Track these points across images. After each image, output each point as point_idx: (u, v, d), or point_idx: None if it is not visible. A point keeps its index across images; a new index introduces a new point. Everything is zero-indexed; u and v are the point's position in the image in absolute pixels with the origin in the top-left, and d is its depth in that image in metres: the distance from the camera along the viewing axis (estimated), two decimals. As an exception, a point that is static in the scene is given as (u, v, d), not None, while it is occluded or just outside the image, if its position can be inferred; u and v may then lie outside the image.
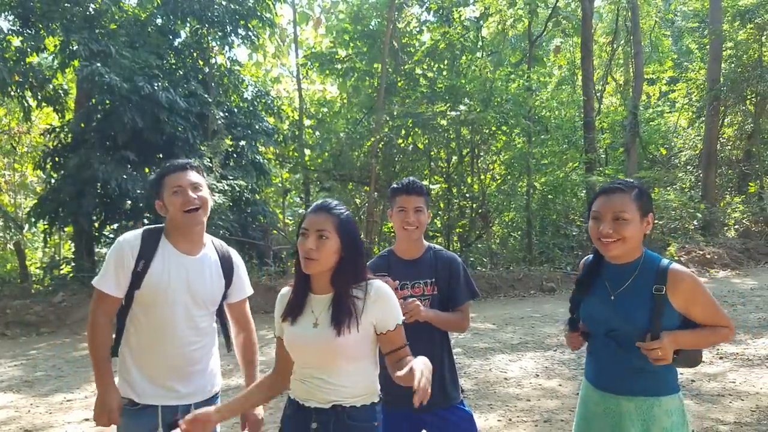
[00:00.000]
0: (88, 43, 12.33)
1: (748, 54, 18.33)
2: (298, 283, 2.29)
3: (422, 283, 2.97)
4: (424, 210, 2.97)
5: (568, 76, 23.11)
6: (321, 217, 2.20)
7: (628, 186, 2.39)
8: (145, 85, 12.26)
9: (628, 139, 18.28)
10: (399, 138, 16.31)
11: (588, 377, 2.57)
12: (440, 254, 3.06)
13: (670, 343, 2.27)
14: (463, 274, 3.04)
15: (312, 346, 2.21)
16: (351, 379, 2.23)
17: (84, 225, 13.08)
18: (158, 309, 2.61)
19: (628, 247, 2.36)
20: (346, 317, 2.18)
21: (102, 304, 2.61)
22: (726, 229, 17.34)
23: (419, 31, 19.01)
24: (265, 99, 16.31)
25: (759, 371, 6.37)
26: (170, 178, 2.66)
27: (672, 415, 2.36)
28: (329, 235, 2.18)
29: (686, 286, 2.32)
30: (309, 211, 2.25)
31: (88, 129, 13.30)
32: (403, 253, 3.05)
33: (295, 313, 2.26)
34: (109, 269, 2.59)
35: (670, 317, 2.34)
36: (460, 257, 3.21)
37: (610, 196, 2.37)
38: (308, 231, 2.19)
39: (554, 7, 18.14)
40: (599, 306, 2.44)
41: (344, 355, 2.19)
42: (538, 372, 6.83)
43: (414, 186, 2.96)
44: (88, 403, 6.23)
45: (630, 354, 2.33)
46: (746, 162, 19.52)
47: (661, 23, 24.62)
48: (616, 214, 2.32)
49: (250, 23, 15.21)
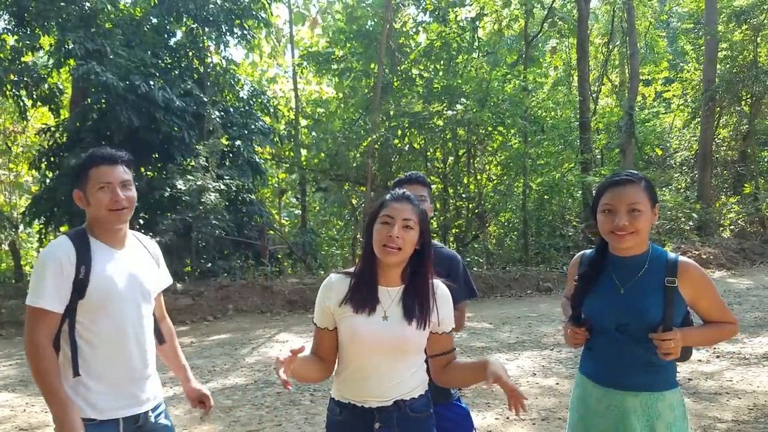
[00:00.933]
0: (83, 42, 12.31)
1: (743, 55, 18.40)
2: (366, 274, 2.21)
3: None
4: (427, 200, 2.96)
5: (564, 77, 23.14)
6: (407, 207, 2.18)
7: (637, 177, 2.38)
8: (142, 84, 12.25)
9: (623, 140, 18.31)
10: (395, 138, 16.30)
11: (587, 373, 2.53)
12: (441, 251, 3.04)
13: (681, 338, 2.28)
14: (462, 273, 3.04)
15: (382, 339, 2.14)
16: (411, 371, 2.21)
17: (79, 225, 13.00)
18: (110, 312, 2.36)
19: (640, 239, 2.37)
20: (424, 311, 2.17)
21: (42, 324, 2.28)
22: (721, 230, 17.40)
23: (416, 31, 19.02)
24: (261, 99, 16.29)
25: (756, 370, 6.38)
26: (98, 171, 2.39)
27: (674, 409, 2.37)
28: (414, 226, 2.16)
29: (696, 276, 2.34)
30: (390, 200, 2.21)
31: (83, 128, 13.27)
32: None
33: (366, 304, 2.17)
34: (47, 283, 2.28)
35: (678, 311, 2.34)
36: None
37: (623, 187, 2.35)
38: (394, 219, 2.14)
39: (550, 8, 18.15)
40: (608, 300, 2.41)
41: (413, 348, 2.19)
42: (535, 371, 6.83)
43: (415, 176, 2.99)
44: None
45: (640, 348, 2.32)
46: (741, 163, 19.59)
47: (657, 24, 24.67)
48: (631, 206, 2.31)
49: (245, 23, 15.21)
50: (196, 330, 10.18)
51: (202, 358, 8.05)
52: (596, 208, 2.42)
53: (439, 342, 2.25)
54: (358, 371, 2.19)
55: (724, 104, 18.83)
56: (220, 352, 8.42)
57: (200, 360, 7.93)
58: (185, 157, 13.65)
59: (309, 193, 18.93)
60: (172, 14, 14.18)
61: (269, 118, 17.09)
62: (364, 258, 2.23)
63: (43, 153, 13.92)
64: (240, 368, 7.46)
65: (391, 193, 2.25)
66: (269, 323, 10.56)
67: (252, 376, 7.02)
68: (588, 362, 2.55)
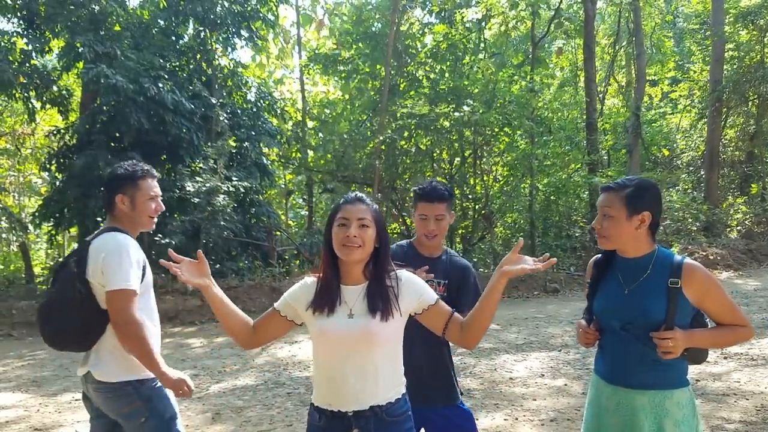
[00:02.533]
0: (92, 45, 12.40)
1: (750, 56, 18.37)
2: (329, 275, 2.28)
3: (435, 282, 2.97)
4: (446, 217, 3.02)
5: (570, 78, 23.15)
6: (360, 207, 2.26)
7: (620, 185, 2.48)
8: (151, 86, 12.34)
9: (630, 141, 18.31)
10: (402, 139, 16.34)
11: (599, 372, 2.61)
12: (455, 259, 3.12)
13: (683, 338, 2.33)
14: (473, 283, 3.07)
15: (349, 336, 2.20)
16: (385, 368, 2.25)
17: (89, 226, 13.12)
18: (150, 294, 2.91)
19: (613, 243, 2.49)
20: (387, 303, 2.23)
21: (132, 302, 2.71)
22: (728, 230, 17.38)
23: (422, 33, 19.06)
24: (268, 100, 16.36)
25: (763, 371, 6.41)
26: (149, 183, 2.93)
27: (683, 407, 2.41)
28: (369, 224, 2.24)
29: (700, 278, 2.38)
30: (343, 203, 2.28)
31: (93, 130, 13.35)
32: (422, 250, 3.11)
33: (330, 304, 2.24)
34: (133, 268, 2.73)
35: (684, 312, 2.39)
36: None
37: (605, 194, 2.52)
38: (349, 220, 2.23)
39: (557, 9, 18.17)
40: (613, 299, 2.50)
41: (381, 342, 2.23)
42: (543, 372, 6.87)
43: (435, 193, 2.99)
44: (96, 402, 6.28)
45: (645, 347, 2.39)
46: (748, 163, 19.55)
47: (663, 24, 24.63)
48: (604, 211, 2.48)
49: (253, 25, 15.28)
50: (206, 331, 10.26)
51: (212, 359, 8.12)
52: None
53: (434, 314, 2.32)
54: (331, 370, 2.25)
55: (731, 105, 18.81)
56: (230, 352, 8.49)
57: (210, 360, 8.01)
58: (194, 158, 13.73)
59: (316, 195, 18.99)
60: (179, 17, 14.26)
61: (276, 120, 17.17)
62: (325, 261, 2.31)
63: (53, 155, 14.01)
64: (250, 369, 7.52)
65: (344, 196, 2.33)
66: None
67: (262, 377, 7.08)
68: (599, 361, 2.63)
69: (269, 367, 7.60)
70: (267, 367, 7.57)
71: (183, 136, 13.21)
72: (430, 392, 3.00)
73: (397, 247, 3.15)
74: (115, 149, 13.26)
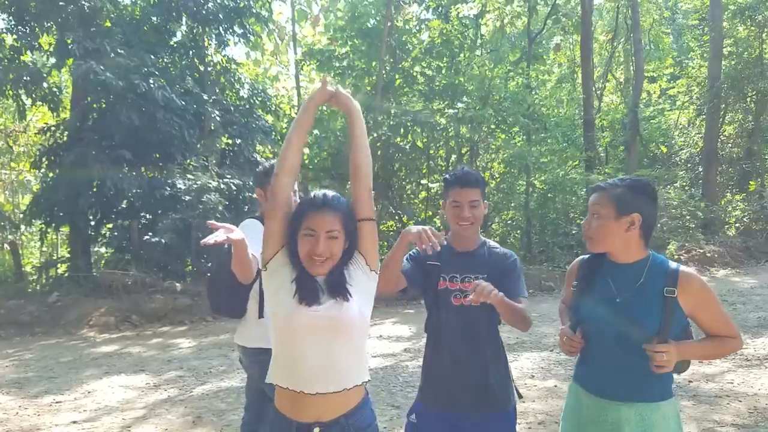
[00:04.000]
0: (83, 42, 12.23)
1: (749, 51, 18.23)
2: (302, 272, 2.15)
3: (472, 278, 2.74)
4: (480, 203, 2.80)
5: (568, 74, 23.01)
6: (329, 217, 2.12)
7: (612, 185, 2.35)
8: (142, 83, 12.19)
9: (628, 137, 18.20)
10: (398, 136, 16.22)
11: (581, 382, 2.47)
12: (494, 250, 2.87)
13: (677, 352, 2.22)
14: (518, 270, 2.85)
15: (317, 322, 2.09)
16: (351, 358, 2.15)
17: (80, 224, 13.00)
18: None
19: (600, 245, 2.36)
20: (342, 286, 2.13)
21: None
22: (726, 228, 17.24)
23: (419, 29, 18.92)
24: (261, 97, 16.20)
25: (757, 371, 6.29)
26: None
27: (669, 420, 2.31)
28: (338, 234, 2.12)
29: (697, 287, 2.28)
30: (308, 208, 2.14)
31: (84, 127, 13.22)
32: (456, 244, 2.87)
33: (313, 297, 2.11)
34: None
35: (678, 322, 2.28)
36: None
37: (594, 193, 2.40)
38: (316, 232, 2.09)
39: (554, 5, 18.03)
40: (604, 309, 2.35)
41: (345, 326, 2.12)
42: (533, 373, 6.75)
43: (468, 178, 2.78)
44: (76, 404, 6.16)
45: (636, 359, 2.25)
46: (747, 160, 19.41)
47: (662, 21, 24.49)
48: (593, 210, 2.36)
49: (246, 21, 15.12)
50: (195, 330, 10.14)
51: (199, 360, 8.00)
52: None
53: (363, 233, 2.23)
54: (294, 359, 2.12)
55: (729, 101, 18.67)
56: (217, 353, 8.37)
57: (197, 361, 7.88)
58: (185, 156, 13.60)
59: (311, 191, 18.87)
60: (171, 13, 14.12)
61: (271, 117, 17.02)
62: (296, 259, 2.17)
63: (44, 152, 13.87)
64: (236, 370, 7.38)
65: (310, 199, 2.18)
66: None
67: (248, 378, 6.96)
68: (582, 371, 2.50)
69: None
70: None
71: (174, 133, 13.06)
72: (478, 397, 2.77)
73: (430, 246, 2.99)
74: (106, 147, 13.12)
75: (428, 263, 2.79)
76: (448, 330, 2.81)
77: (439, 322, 2.83)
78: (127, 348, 8.97)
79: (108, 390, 6.67)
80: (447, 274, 2.79)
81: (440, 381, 2.81)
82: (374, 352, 7.78)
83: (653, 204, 2.37)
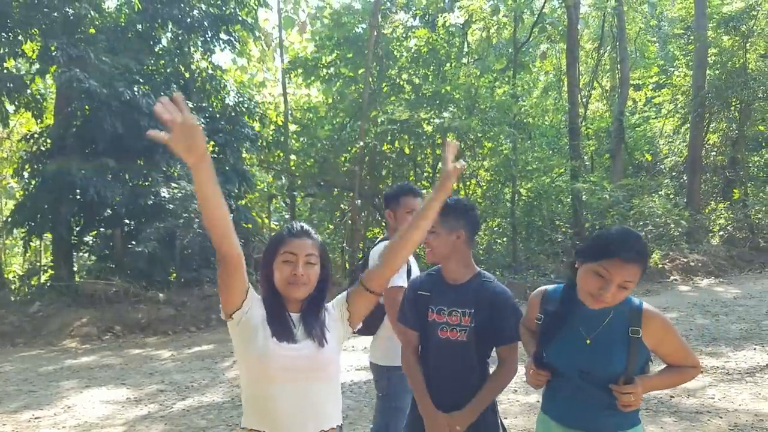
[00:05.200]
0: (66, 49, 12.15)
1: (733, 61, 18.37)
2: (276, 306, 2.17)
3: (459, 312, 2.70)
4: (441, 233, 2.70)
5: (553, 82, 23.11)
6: (307, 243, 2.17)
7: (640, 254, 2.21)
8: (126, 90, 12.12)
9: (613, 145, 18.29)
10: (384, 144, 16.22)
11: (549, 414, 2.47)
12: (487, 285, 2.75)
13: (642, 389, 2.27)
14: (510, 307, 2.73)
15: (296, 363, 2.09)
16: (329, 399, 2.17)
17: (62, 232, 12.89)
18: None
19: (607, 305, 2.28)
20: (319, 327, 2.16)
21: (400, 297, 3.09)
22: (711, 236, 17.34)
23: (405, 37, 18.95)
24: (248, 104, 16.14)
25: (738, 386, 6.31)
26: (410, 200, 3.43)
27: None
28: (315, 261, 2.17)
29: (659, 326, 2.31)
30: (288, 234, 2.18)
31: (67, 135, 13.13)
32: (446, 275, 2.79)
33: (287, 335, 2.11)
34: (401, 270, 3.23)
35: (641, 359, 2.33)
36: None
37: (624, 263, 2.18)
38: (296, 256, 2.13)
39: (540, 14, 18.10)
40: (573, 349, 2.35)
41: (320, 367, 2.13)
42: (516, 387, 6.72)
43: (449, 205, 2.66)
44: (56, 421, 6.09)
45: (602, 393, 2.29)
46: (731, 168, 19.54)
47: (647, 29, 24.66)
48: (624, 279, 2.19)
49: (232, 28, 15.08)
50: (178, 341, 10.06)
51: (181, 373, 7.93)
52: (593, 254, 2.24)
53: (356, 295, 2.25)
54: (270, 400, 2.09)
55: (713, 110, 18.79)
56: (200, 366, 8.30)
57: (179, 375, 7.82)
58: (169, 164, 13.53)
59: (298, 199, 18.82)
60: (156, 20, 14.06)
61: (257, 124, 16.98)
62: (269, 291, 2.19)
63: (27, 159, 13.75)
64: (219, 384, 7.34)
65: (288, 227, 2.21)
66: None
67: (230, 393, 6.91)
68: (550, 403, 2.50)
69: (239, 381, 7.41)
70: (236, 382, 7.38)
71: (159, 141, 12.98)
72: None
73: (425, 276, 2.89)
74: (90, 154, 13.05)
75: (419, 293, 2.78)
76: (433, 362, 2.78)
77: (426, 352, 2.80)
78: (108, 359, 8.89)
79: (88, 405, 6.60)
80: (435, 305, 2.74)
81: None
82: (358, 365, 7.74)
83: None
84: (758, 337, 8.40)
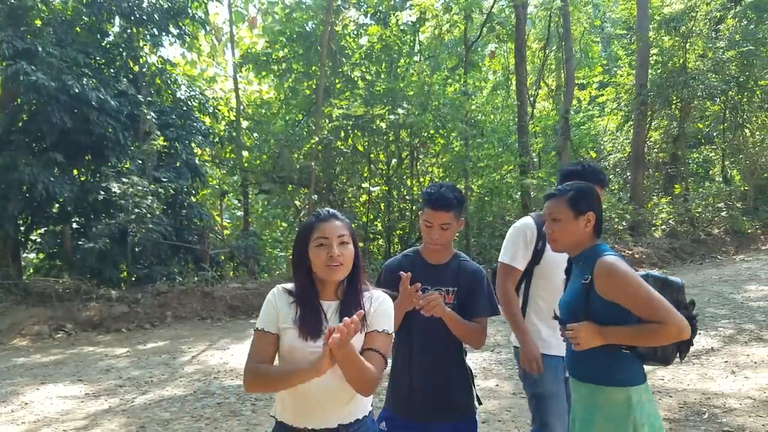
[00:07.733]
0: (12, 41, 11.80)
1: (673, 61, 19.05)
2: (308, 297, 2.22)
3: (443, 291, 2.87)
4: (453, 225, 2.85)
5: (502, 81, 23.52)
6: (336, 224, 2.22)
7: (563, 191, 2.61)
8: (74, 84, 11.84)
9: (559, 143, 18.73)
10: (338, 140, 16.25)
11: (569, 372, 2.76)
12: (465, 264, 2.95)
13: (591, 332, 2.42)
14: (486, 287, 2.93)
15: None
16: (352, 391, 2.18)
17: (9, 230, 12.52)
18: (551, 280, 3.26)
19: (561, 246, 2.65)
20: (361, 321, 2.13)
21: (509, 277, 3.35)
22: (654, 230, 17.98)
23: (357, 33, 19.01)
24: (199, 99, 15.95)
25: (685, 368, 6.63)
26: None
27: (615, 406, 2.45)
28: (348, 240, 2.21)
29: (605, 273, 2.45)
30: (317, 221, 2.22)
31: (13, 129, 12.74)
32: (428, 256, 2.96)
33: (314, 332, 2.15)
34: (518, 248, 3.34)
35: (600, 306, 2.46)
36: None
37: (548, 201, 2.66)
38: (328, 239, 2.17)
39: (489, 13, 18.40)
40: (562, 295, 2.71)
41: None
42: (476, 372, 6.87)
43: (441, 201, 2.81)
44: (14, 417, 5.98)
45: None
46: (672, 164, 20.28)
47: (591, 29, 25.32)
48: (551, 216, 2.63)
49: (181, 22, 14.89)
50: (132, 339, 9.91)
51: (139, 369, 7.84)
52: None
53: (371, 338, 2.20)
54: (297, 393, 2.16)
55: (655, 108, 19.45)
56: (158, 361, 8.22)
57: (137, 371, 7.73)
58: (120, 159, 13.28)
59: (251, 195, 18.65)
60: (104, 13, 13.78)
61: (209, 119, 16.79)
62: (302, 280, 2.24)
63: (-29, 155, 13.28)
64: (178, 378, 7.30)
65: (314, 213, 2.28)
66: (209, 330, 10.36)
67: (191, 387, 6.88)
68: (568, 362, 2.79)
69: (199, 375, 7.39)
70: (197, 376, 7.36)
71: (108, 135, 12.74)
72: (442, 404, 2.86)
73: (403, 258, 3.02)
74: (37, 149, 12.72)
75: (400, 273, 2.86)
76: (415, 340, 2.90)
77: (408, 331, 2.89)
78: (62, 357, 8.71)
79: (46, 401, 6.49)
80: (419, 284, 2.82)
81: (407, 389, 2.89)
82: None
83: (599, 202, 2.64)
84: (702, 324, 8.79)
